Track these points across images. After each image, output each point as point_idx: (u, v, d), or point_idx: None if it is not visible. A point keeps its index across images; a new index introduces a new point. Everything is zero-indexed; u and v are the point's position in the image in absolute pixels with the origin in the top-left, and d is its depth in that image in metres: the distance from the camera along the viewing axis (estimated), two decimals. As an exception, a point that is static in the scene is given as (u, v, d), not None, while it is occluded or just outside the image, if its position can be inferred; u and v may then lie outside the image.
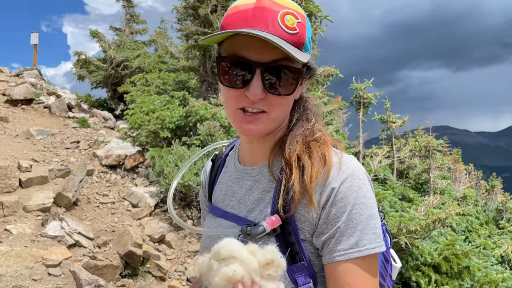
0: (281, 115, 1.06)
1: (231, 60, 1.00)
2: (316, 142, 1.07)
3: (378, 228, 1.01)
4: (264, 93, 0.99)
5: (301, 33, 1.00)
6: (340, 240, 0.98)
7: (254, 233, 1.02)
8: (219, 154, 1.36)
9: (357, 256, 0.97)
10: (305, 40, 1.01)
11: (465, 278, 4.95)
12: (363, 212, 0.99)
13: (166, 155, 6.73)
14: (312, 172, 0.99)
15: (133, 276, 5.12)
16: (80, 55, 15.16)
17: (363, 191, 1.00)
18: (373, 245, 0.98)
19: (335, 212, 0.99)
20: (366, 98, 10.10)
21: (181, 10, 10.65)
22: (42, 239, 5.01)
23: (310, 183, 0.99)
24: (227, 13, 1.04)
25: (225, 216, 1.19)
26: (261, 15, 0.97)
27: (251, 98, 0.99)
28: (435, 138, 10.33)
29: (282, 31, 0.97)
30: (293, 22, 0.98)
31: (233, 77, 1.01)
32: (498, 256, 6.85)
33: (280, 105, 1.03)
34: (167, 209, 6.81)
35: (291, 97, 1.05)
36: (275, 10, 0.98)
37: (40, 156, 7.95)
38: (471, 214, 9.47)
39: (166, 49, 15.59)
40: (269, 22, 0.96)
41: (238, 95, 1.02)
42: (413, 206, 6.23)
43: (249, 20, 0.97)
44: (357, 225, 0.98)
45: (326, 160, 1.01)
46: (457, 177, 16.34)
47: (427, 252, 5.03)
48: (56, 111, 12.53)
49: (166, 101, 8.49)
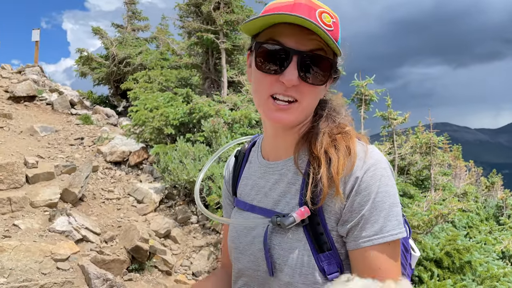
0: (311, 106, 1.11)
1: (269, 45, 1.05)
2: (341, 135, 1.11)
3: (400, 215, 1.06)
4: (298, 80, 1.03)
5: (336, 31, 1.05)
6: (365, 227, 1.03)
7: (285, 224, 1.06)
8: (242, 150, 1.39)
9: (381, 242, 1.02)
10: (339, 38, 1.06)
11: (466, 272, 5.03)
12: (386, 200, 1.04)
13: (170, 152, 6.79)
14: (339, 164, 1.04)
15: (140, 270, 5.20)
16: (82, 52, 15.20)
17: (386, 179, 1.05)
18: (396, 231, 1.03)
19: (359, 200, 1.04)
20: (367, 95, 10.14)
21: (184, 7, 10.68)
22: (50, 234, 5.08)
23: (337, 175, 1.03)
24: (266, 8, 1.09)
25: (251, 209, 1.22)
26: (300, 10, 1.02)
27: (286, 83, 1.02)
28: (435, 135, 10.40)
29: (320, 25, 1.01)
30: (329, 19, 1.04)
31: (269, 63, 1.05)
32: (499, 251, 6.92)
33: (311, 95, 1.07)
34: (171, 204, 6.90)
35: (321, 89, 1.10)
36: (313, 8, 1.03)
37: (45, 152, 8.01)
38: (472, 210, 9.55)
39: (168, 46, 15.63)
40: (309, 16, 1.01)
41: (272, 81, 1.05)
42: (415, 202, 6.30)
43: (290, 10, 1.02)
44: (381, 212, 1.03)
45: (351, 152, 1.06)
46: (458, 174, 16.40)
47: (429, 247, 5.10)
48: (59, 108, 12.58)
49: (169, 98, 8.55)
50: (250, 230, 1.21)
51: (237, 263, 1.25)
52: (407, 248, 1.25)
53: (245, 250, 1.22)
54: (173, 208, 6.79)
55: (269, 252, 1.13)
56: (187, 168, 6.31)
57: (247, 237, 1.22)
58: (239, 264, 1.24)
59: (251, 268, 1.20)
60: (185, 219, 6.48)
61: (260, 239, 1.16)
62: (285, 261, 1.10)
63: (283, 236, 1.11)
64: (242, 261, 1.22)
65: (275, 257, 1.12)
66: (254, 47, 1.09)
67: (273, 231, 1.14)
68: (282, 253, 1.11)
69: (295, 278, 1.08)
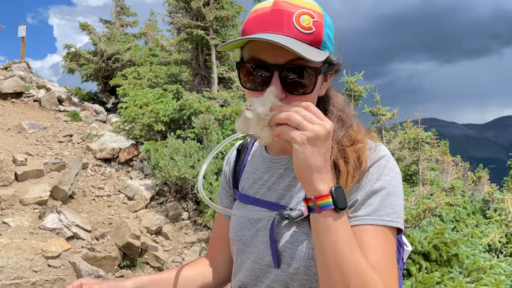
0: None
1: (249, 63, 1.06)
2: (353, 147, 1.11)
3: (398, 206, 1.06)
4: (283, 93, 1.03)
5: (318, 32, 1.02)
6: (358, 208, 1.05)
7: (292, 217, 1.05)
8: (244, 144, 1.39)
9: (371, 223, 1.03)
10: (323, 38, 1.04)
11: (454, 265, 5.13)
12: (384, 188, 1.05)
13: (161, 148, 6.79)
14: (348, 177, 1.06)
15: (132, 267, 5.21)
16: (70, 48, 15.03)
17: (387, 170, 1.08)
18: (389, 218, 1.04)
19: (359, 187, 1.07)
20: (356, 91, 10.24)
21: (173, 3, 10.63)
22: (40, 232, 5.06)
23: (344, 187, 1.04)
24: (247, 17, 1.10)
25: (256, 203, 1.23)
26: (277, 18, 1.01)
27: None
28: (423, 131, 10.54)
29: (297, 32, 1.00)
30: (308, 22, 1.01)
31: (253, 81, 1.06)
32: (485, 244, 7.06)
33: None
34: (162, 201, 6.91)
35: (313, 95, 1.08)
36: (290, 12, 1.01)
37: (33, 149, 7.94)
38: (459, 205, 9.71)
39: (157, 42, 15.53)
40: (284, 24, 1.00)
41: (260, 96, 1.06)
42: (403, 197, 6.39)
43: (265, 24, 1.01)
44: (376, 197, 1.05)
45: (361, 162, 1.08)
46: (445, 169, 16.63)
47: (417, 241, 5.19)
48: (47, 105, 12.45)
49: (159, 94, 8.53)
50: (254, 223, 1.22)
51: (239, 255, 1.27)
52: (400, 242, 1.27)
53: (248, 243, 1.23)
54: (164, 205, 6.80)
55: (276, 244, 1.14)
56: (178, 164, 6.32)
57: (251, 230, 1.22)
58: (242, 256, 1.25)
59: (253, 261, 1.21)
60: (176, 215, 6.49)
61: (264, 232, 1.17)
62: (292, 254, 1.11)
63: (289, 229, 1.12)
64: (246, 253, 1.24)
65: (281, 249, 1.13)
66: (236, 66, 1.10)
67: (279, 224, 1.15)
68: (289, 246, 1.12)
69: (300, 269, 1.10)
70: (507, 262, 5.99)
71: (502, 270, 5.33)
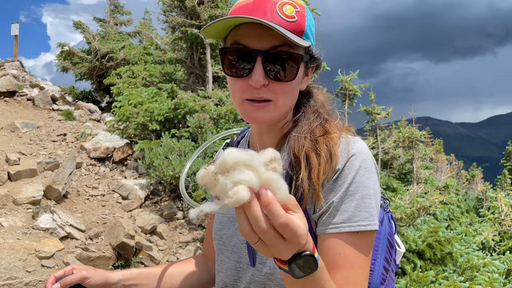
0: (287, 102, 1.10)
1: (232, 49, 1.05)
2: (324, 137, 1.10)
3: (373, 208, 1.04)
4: (266, 80, 1.03)
5: (300, 21, 1.04)
6: (334, 214, 1.03)
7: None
8: (230, 143, 1.39)
9: (348, 231, 1.01)
10: (305, 28, 1.05)
11: (448, 263, 5.16)
12: (358, 191, 1.03)
13: (155, 148, 6.76)
14: (319, 170, 1.04)
15: (126, 266, 5.19)
16: (64, 46, 14.93)
17: (362, 171, 1.05)
18: (365, 222, 1.02)
19: (332, 187, 1.05)
20: (351, 90, 10.27)
21: (167, 1, 10.57)
22: (34, 232, 5.03)
23: (317, 180, 1.03)
24: (231, 10, 1.10)
25: None
26: (260, 6, 1.02)
27: (254, 84, 1.02)
28: (418, 130, 10.59)
29: (280, 19, 1.01)
30: (291, 11, 1.03)
31: (236, 67, 1.05)
32: (479, 243, 7.11)
33: (284, 93, 1.06)
34: (157, 200, 6.88)
35: (294, 84, 1.08)
36: (273, 1, 1.03)
37: (27, 149, 7.89)
38: (453, 203, 9.77)
39: (152, 41, 15.46)
40: (268, 11, 1.01)
41: (243, 85, 1.06)
42: (398, 195, 6.41)
43: (249, 11, 1.03)
44: (352, 202, 1.02)
45: (332, 157, 1.06)
46: (439, 167, 16.74)
47: (412, 239, 5.22)
48: (40, 104, 12.37)
49: (153, 93, 8.49)
50: (234, 222, 1.21)
51: (219, 255, 1.27)
52: (392, 244, 1.25)
53: (228, 242, 1.23)
54: (159, 204, 6.78)
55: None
56: (173, 164, 6.30)
57: (231, 229, 1.22)
58: (222, 256, 1.25)
59: (232, 260, 1.21)
60: (171, 214, 6.47)
61: None
62: None
63: None
64: (225, 252, 1.24)
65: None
66: (220, 52, 1.10)
67: None
68: None
69: (276, 269, 1.09)
70: (500, 260, 6.03)
71: (495, 268, 5.36)
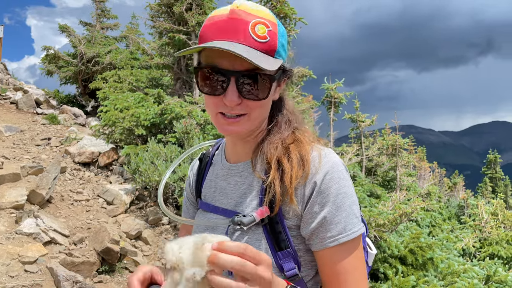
0: (261, 115, 1.14)
1: (207, 69, 1.07)
2: (294, 144, 1.15)
3: (358, 212, 1.12)
4: (240, 99, 1.06)
5: (272, 41, 1.06)
6: (329, 228, 1.08)
7: (244, 223, 1.10)
8: (206, 153, 1.42)
9: (346, 240, 1.08)
10: (277, 47, 1.08)
11: (429, 269, 5.27)
12: (345, 201, 1.09)
13: (141, 153, 6.76)
14: (292, 174, 1.09)
15: (110, 272, 5.16)
16: (49, 50, 14.80)
17: (343, 181, 1.11)
18: (357, 228, 1.09)
19: (319, 202, 1.09)
20: (336, 98, 10.42)
21: (155, 7, 10.60)
22: (17, 236, 4.97)
23: (290, 184, 1.08)
24: (204, 23, 1.13)
25: (214, 210, 1.26)
26: (233, 26, 1.04)
27: (228, 104, 1.06)
28: (401, 137, 10.78)
29: (253, 41, 1.04)
30: (263, 31, 1.05)
31: (210, 85, 1.09)
32: (459, 249, 7.27)
33: (258, 107, 1.10)
34: (142, 206, 6.86)
35: (267, 100, 1.12)
36: (246, 21, 1.04)
37: (10, 153, 7.79)
38: (435, 210, 9.94)
39: (138, 45, 15.44)
40: (240, 32, 1.03)
41: (217, 102, 1.09)
42: (381, 202, 6.52)
43: (222, 32, 1.05)
44: (342, 212, 1.08)
45: (303, 162, 1.11)
46: (422, 175, 17.00)
47: (394, 245, 5.32)
48: (24, 107, 12.23)
49: (140, 98, 8.49)
50: (212, 231, 1.22)
51: None
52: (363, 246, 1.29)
53: None
54: (144, 209, 6.76)
55: None
56: (159, 169, 6.30)
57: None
58: None
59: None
60: (157, 220, 6.46)
61: None
62: None
63: (243, 236, 1.15)
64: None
65: None
66: (194, 71, 1.13)
67: (235, 232, 1.18)
68: None
69: None
70: (480, 266, 6.17)
71: (475, 274, 5.49)
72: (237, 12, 1.06)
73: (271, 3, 7.29)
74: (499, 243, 8.00)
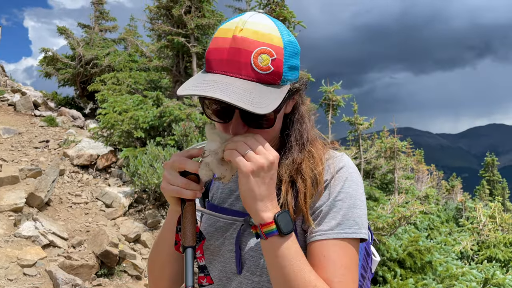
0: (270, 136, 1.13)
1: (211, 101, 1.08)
2: (306, 163, 1.15)
3: (361, 218, 1.10)
4: (245, 128, 1.07)
5: (276, 70, 1.02)
6: (321, 221, 1.08)
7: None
8: None
9: (335, 237, 1.06)
10: (282, 74, 1.04)
11: (427, 272, 5.28)
12: (346, 200, 1.09)
13: (140, 155, 6.76)
14: (306, 194, 1.10)
15: (109, 275, 5.16)
16: (47, 52, 14.78)
17: (349, 182, 1.11)
18: (351, 230, 1.07)
19: (322, 198, 1.11)
20: (335, 101, 10.44)
21: (154, 9, 10.62)
22: (16, 239, 4.96)
23: (304, 204, 1.09)
24: (209, 45, 1.10)
25: (223, 212, 1.27)
26: (235, 58, 1.01)
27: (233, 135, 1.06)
28: (399, 140, 10.81)
29: (256, 73, 1.00)
30: (267, 62, 1.01)
31: (216, 114, 1.10)
32: (458, 252, 7.29)
33: (265, 132, 1.10)
34: (141, 209, 6.86)
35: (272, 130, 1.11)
36: (248, 51, 1.00)
37: (8, 155, 7.78)
38: (433, 213, 9.97)
39: (137, 48, 15.44)
40: (242, 66, 1.00)
41: (225, 126, 1.10)
42: (379, 205, 6.54)
43: (224, 64, 1.02)
44: (340, 210, 1.08)
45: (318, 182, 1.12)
46: (420, 177, 17.04)
47: (393, 248, 5.33)
48: (22, 109, 12.20)
49: (139, 101, 8.49)
50: (222, 232, 1.24)
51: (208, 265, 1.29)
52: (368, 253, 1.31)
53: (216, 252, 1.26)
54: (143, 212, 6.75)
55: (240, 251, 1.16)
56: (158, 172, 6.30)
57: (219, 240, 1.25)
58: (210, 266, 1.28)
59: (220, 270, 1.24)
60: (155, 223, 6.45)
61: (231, 240, 1.20)
62: (256, 262, 1.14)
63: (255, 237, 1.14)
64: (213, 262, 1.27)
65: (246, 257, 1.16)
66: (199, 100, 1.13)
67: (245, 233, 1.19)
68: (253, 254, 1.15)
69: (263, 277, 1.13)
70: (478, 269, 6.19)
71: (473, 277, 5.50)
72: (239, 40, 1.01)
73: (270, 6, 7.32)
74: (497, 246, 8.03)
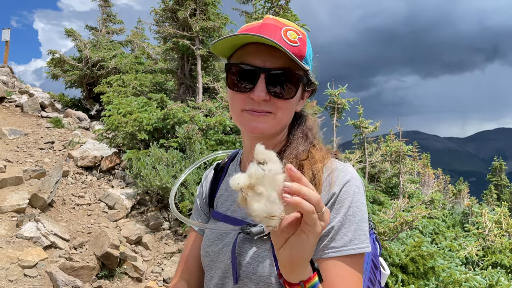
0: (285, 117, 1.17)
1: (238, 66, 1.13)
2: (308, 161, 1.16)
3: (367, 231, 1.12)
4: (267, 95, 1.10)
5: (302, 47, 1.13)
6: (334, 238, 1.08)
7: (253, 232, 1.09)
8: (221, 164, 1.43)
9: (349, 254, 1.07)
10: (305, 54, 1.13)
11: (430, 278, 5.21)
12: (356, 215, 1.10)
13: (143, 157, 6.77)
14: None
15: (110, 277, 5.16)
16: (55, 54, 14.90)
17: (358, 196, 1.12)
18: (364, 244, 1.09)
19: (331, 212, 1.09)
20: (340, 104, 10.40)
21: (160, 12, 10.66)
22: (17, 240, 4.98)
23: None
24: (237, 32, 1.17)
25: (225, 219, 1.27)
26: (266, 30, 1.10)
27: (256, 99, 1.10)
28: (405, 144, 10.73)
29: (284, 43, 1.09)
30: (294, 36, 1.12)
31: (239, 82, 1.13)
32: (462, 257, 7.19)
33: (284, 108, 1.14)
34: (143, 211, 6.87)
35: (293, 102, 1.16)
36: (278, 27, 1.12)
37: (13, 156, 7.83)
38: (438, 217, 9.87)
39: (143, 50, 15.52)
40: (273, 35, 1.09)
41: (244, 98, 1.13)
42: (382, 209, 6.48)
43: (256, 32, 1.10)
44: (351, 225, 1.09)
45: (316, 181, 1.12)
46: (426, 181, 16.89)
47: (395, 253, 5.27)
48: (29, 110, 12.30)
49: (143, 103, 8.52)
50: (221, 239, 1.25)
51: (208, 271, 1.29)
52: (376, 265, 1.29)
53: (216, 258, 1.25)
54: (145, 214, 6.76)
55: (237, 259, 1.16)
56: (160, 174, 6.30)
57: (218, 246, 1.25)
58: (211, 272, 1.28)
59: (220, 276, 1.23)
60: (157, 225, 6.46)
61: (230, 247, 1.20)
62: (253, 270, 1.13)
63: (252, 246, 1.15)
64: (214, 268, 1.26)
65: (243, 264, 1.15)
66: (225, 68, 1.17)
67: (244, 240, 1.18)
68: (250, 261, 1.14)
69: (260, 285, 1.12)
70: (482, 275, 6.11)
71: (477, 283, 5.43)
72: (269, 20, 1.14)
73: (274, 9, 7.30)
74: (502, 251, 7.92)
